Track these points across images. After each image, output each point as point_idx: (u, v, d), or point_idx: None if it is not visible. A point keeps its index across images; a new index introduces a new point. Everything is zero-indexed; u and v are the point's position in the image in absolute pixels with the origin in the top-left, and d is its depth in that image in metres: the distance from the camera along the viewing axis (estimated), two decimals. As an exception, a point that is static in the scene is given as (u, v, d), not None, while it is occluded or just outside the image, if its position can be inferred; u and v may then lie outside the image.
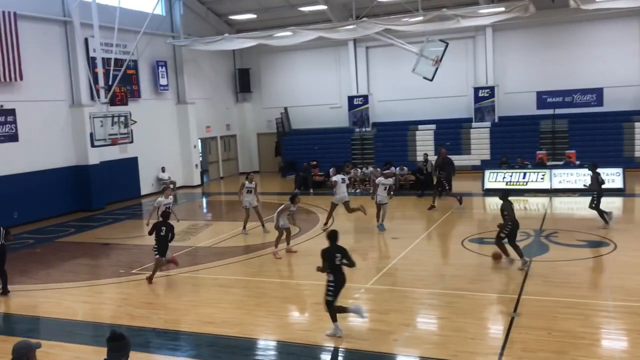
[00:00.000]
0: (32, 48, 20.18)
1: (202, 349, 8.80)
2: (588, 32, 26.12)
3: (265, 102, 32.49)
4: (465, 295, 10.32)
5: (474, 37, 27.86)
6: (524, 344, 8.12)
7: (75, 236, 17.99)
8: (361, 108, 29.85)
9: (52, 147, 21.17)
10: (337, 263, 8.78)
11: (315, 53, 30.67)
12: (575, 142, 25.27)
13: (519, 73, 27.38)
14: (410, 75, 23.70)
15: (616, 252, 12.77)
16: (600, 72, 25.71)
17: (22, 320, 10.57)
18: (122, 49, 23.24)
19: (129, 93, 24.03)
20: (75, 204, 21.87)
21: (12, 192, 19.33)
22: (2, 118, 19.27)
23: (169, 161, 26.79)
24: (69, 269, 14.02)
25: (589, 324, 8.81)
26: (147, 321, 10.02)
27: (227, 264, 13.58)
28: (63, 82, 21.73)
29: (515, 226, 11.86)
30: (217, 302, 10.80)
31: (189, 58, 28.14)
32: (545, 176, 21.17)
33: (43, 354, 7.14)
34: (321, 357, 8.40)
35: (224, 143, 31.98)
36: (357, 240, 15.73)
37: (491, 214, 18.82)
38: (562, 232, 14.89)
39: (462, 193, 21.93)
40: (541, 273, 11.40)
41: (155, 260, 12.25)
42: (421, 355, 8.08)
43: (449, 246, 13.99)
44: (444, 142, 27.30)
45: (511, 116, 27.47)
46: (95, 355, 8.01)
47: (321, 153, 29.11)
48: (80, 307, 10.98)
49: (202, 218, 20.95)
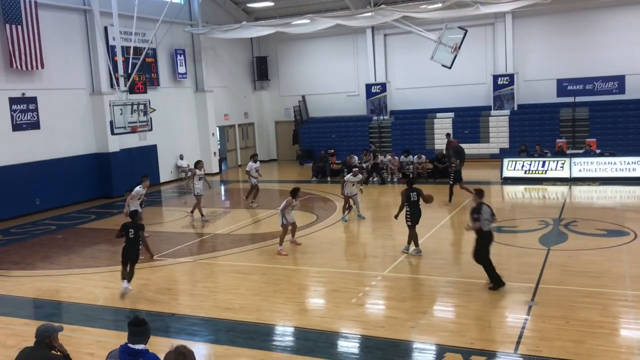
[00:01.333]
0: (52, 37, 20.39)
1: (220, 335, 8.91)
2: (609, 18, 25.65)
3: (282, 90, 32.49)
4: (482, 283, 10.30)
5: (494, 24, 27.53)
6: (542, 333, 8.11)
7: (96, 222, 18.24)
8: (379, 96, 29.73)
9: (73, 134, 21.43)
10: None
11: (333, 41, 30.55)
12: (595, 130, 24.95)
13: (539, 60, 27.02)
14: (428, 63, 23.50)
15: (636, 241, 12.64)
16: (621, 59, 25.28)
17: (45, 305, 10.78)
18: (141, 37, 23.39)
19: (148, 81, 24.23)
20: (95, 191, 22.14)
21: (34, 179, 19.64)
22: (24, 106, 19.53)
23: (187, 149, 26.98)
24: (90, 254, 14.24)
25: (607, 313, 8.76)
26: (166, 306, 10.16)
27: (245, 251, 13.70)
28: (83, 70, 21.95)
29: (413, 213, 12.15)
30: (235, 288, 10.91)
31: (207, 46, 28.22)
32: (565, 165, 20.95)
33: (65, 338, 7.30)
34: (338, 343, 8.46)
35: (242, 131, 32.09)
36: (375, 229, 15.77)
37: (510, 203, 18.72)
38: (581, 220, 14.77)
39: (480, 181, 21.81)
40: (560, 262, 11.34)
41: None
42: (438, 342, 8.10)
43: (466, 234, 13.93)
44: (463, 130, 27.25)
45: (531, 104, 27.17)
46: (115, 339, 8.15)
47: (339, 141, 29.11)
48: (101, 292, 11.16)
49: (220, 205, 21.10)
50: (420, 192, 12.29)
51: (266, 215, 17.51)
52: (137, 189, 14.56)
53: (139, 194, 14.50)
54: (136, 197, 14.52)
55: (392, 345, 8.11)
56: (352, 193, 16.20)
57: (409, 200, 12.20)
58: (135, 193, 14.53)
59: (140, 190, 14.50)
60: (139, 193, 14.50)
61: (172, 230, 16.44)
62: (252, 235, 15.25)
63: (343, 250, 13.71)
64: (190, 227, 16.69)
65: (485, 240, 10.11)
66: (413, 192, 12.23)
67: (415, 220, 12.25)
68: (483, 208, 10.11)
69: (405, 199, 12.22)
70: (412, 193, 12.20)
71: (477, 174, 23.76)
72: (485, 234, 10.09)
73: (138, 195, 14.50)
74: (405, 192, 12.28)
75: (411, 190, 12.25)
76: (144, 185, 14.62)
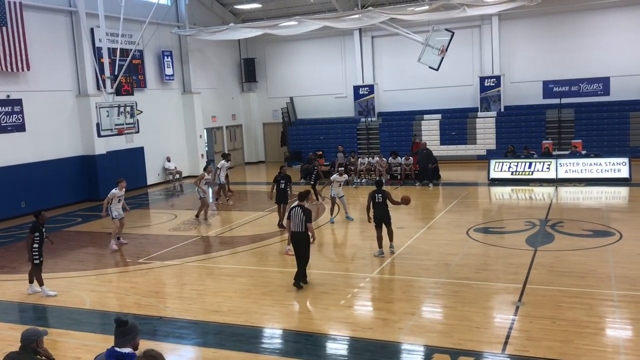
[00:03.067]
0: (38, 38, 20.23)
1: (209, 337, 8.87)
2: (594, 20, 25.91)
3: (270, 91, 32.46)
4: (470, 284, 10.36)
5: (480, 26, 27.71)
6: (529, 333, 8.16)
7: (82, 225, 18.10)
8: (367, 98, 29.80)
9: (59, 137, 21.26)
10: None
11: (320, 42, 30.59)
12: (581, 131, 25.20)
13: (525, 62, 27.23)
14: (415, 65, 23.62)
15: (621, 241, 12.77)
16: (606, 62, 25.56)
17: (31, 309, 10.67)
18: (128, 38, 23.27)
19: (134, 83, 24.07)
20: (82, 193, 21.99)
21: (19, 181, 19.46)
22: (9, 108, 19.35)
23: (174, 151, 26.88)
24: (76, 258, 14.13)
25: (593, 313, 8.83)
26: (154, 310, 10.10)
27: (233, 253, 13.66)
28: (69, 72, 21.79)
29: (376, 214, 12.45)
30: (223, 290, 10.87)
31: (194, 48, 28.13)
32: (551, 166, 21.11)
33: (51, 342, 7.24)
34: (326, 345, 8.46)
35: (230, 133, 32.01)
36: (362, 230, 15.77)
37: (497, 204, 18.84)
38: (568, 221, 14.88)
39: (467, 183, 22.00)
40: (546, 262, 11.42)
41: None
42: (426, 343, 8.13)
43: (454, 236, 14.01)
44: (450, 131, 27.39)
45: (517, 105, 27.36)
46: (102, 343, 8.08)
47: (327, 143, 29.14)
48: (87, 295, 11.07)
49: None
50: (386, 195, 12.44)
51: (254, 218, 17.47)
52: (112, 191, 14.57)
53: (114, 195, 14.45)
54: (112, 198, 14.45)
55: (380, 346, 8.12)
56: (339, 195, 16.23)
57: (373, 202, 12.51)
58: (111, 195, 14.50)
59: (115, 192, 14.46)
60: (114, 195, 14.45)
61: (160, 232, 16.35)
62: (240, 238, 15.20)
63: (331, 252, 13.72)
64: (190, 229, 16.59)
65: (294, 241, 10.78)
66: (378, 194, 12.44)
67: (377, 221, 12.45)
68: (293, 211, 10.72)
69: (370, 199, 12.62)
70: (377, 194, 12.44)
71: (464, 175, 23.92)
72: (293, 234, 10.74)
73: (113, 196, 14.43)
74: (370, 194, 12.63)
75: (377, 192, 12.48)
76: (120, 186, 14.57)
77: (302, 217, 10.62)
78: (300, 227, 10.65)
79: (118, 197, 14.45)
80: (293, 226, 10.73)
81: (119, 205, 14.60)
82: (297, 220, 10.66)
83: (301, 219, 10.63)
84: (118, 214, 14.56)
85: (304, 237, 10.68)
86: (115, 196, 14.43)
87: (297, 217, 10.68)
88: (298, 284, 10.65)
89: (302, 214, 10.67)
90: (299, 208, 10.78)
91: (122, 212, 14.71)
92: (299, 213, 10.70)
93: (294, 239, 10.80)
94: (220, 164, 20.30)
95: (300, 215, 10.64)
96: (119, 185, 14.56)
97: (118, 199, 14.49)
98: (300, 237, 10.69)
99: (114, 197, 14.44)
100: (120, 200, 14.56)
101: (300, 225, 10.64)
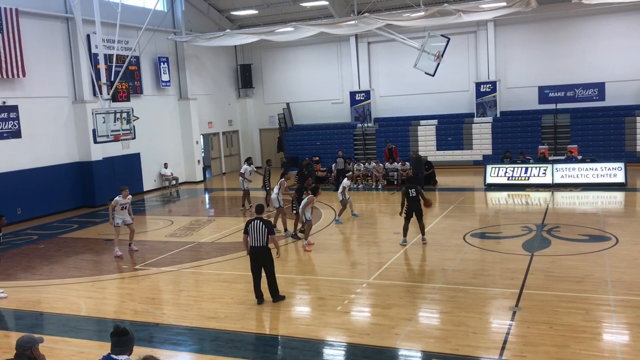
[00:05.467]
0: (34, 44, 20.22)
1: (205, 344, 8.84)
2: (590, 26, 26.05)
3: (267, 97, 32.49)
4: (467, 289, 10.36)
5: (476, 32, 27.82)
6: (526, 338, 8.16)
7: (79, 232, 18.05)
8: (363, 103, 29.85)
9: (55, 143, 21.23)
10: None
11: (317, 48, 30.66)
12: (577, 136, 25.29)
13: (521, 68, 27.34)
14: (412, 71, 23.69)
15: (618, 246, 12.79)
16: (602, 67, 25.69)
17: (26, 316, 10.62)
18: (124, 45, 23.28)
19: (131, 89, 24.09)
20: (78, 200, 21.94)
21: (15, 188, 19.41)
22: (4, 114, 19.32)
23: (171, 157, 26.86)
24: (72, 264, 14.08)
25: (590, 318, 8.84)
26: (150, 316, 10.07)
27: (230, 259, 13.63)
28: (65, 78, 21.77)
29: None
30: (220, 297, 10.84)
31: (190, 54, 28.15)
32: (547, 171, 21.16)
33: (47, 349, 7.20)
34: (323, 351, 8.44)
35: (226, 139, 32.02)
36: (360, 236, 15.77)
37: (493, 209, 18.86)
38: (564, 226, 14.91)
39: (463, 188, 22.06)
40: (543, 267, 11.43)
41: None
42: (423, 349, 8.11)
43: (450, 241, 14.01)
44: (446, 136, 27.43)
45: (513, 111, 27.45)
46: (99, 350, 8.06)
47: (323, 148, 29.17)
48: (83, 302, 11.03)
49: (204, 214, 21.00)
50: (419, 191, 13.74)
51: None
52: (115, 198, 14.53)
53: (117, 202, 14.41)
54: (115, 206, 14.41)
55: (377, 352, 8.10)
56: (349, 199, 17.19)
57: (407, 196, 13.68)
58: (114, 202, 14.46)
59: (118, 199, 14.41)
60: (117, 202, 14.41)
61: (156, 239, 16.32)
62: (236, 244, 15.17)
63: (328, 258, 13.70)
64: (186, 235, 16.55)
65: (254, 258, 10.22)
66: (412, 189, 13.69)
67: (409, 213, 13.76)
68: (252, 225, 10.16)
69: (404, 195, 13.82)
70: (410, 190, 13.68)
71: (460, 181, 23.97)
72: (252, 250, 10.17)
73: (116, 204, 14.40)
74: (403, 190, 13.95)
75: (410, 188, 13.74)
76: (123, 194, 14.50)
77: (264, 231, 10.00)
78: (261, 242, 10.02)
79: (121, 204, 14.41)
80: (252, 241, 10.05)
81: (123, 213, 14.54)
82: (257, 234, 10.01)
83: (262, 232, 9.99)
84: (122, 221, 14.50)
85: (265, 251, 10.06)
86: (118, 203, 14.41)
87: (257, 230, 10.01)
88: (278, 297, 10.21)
89: (262, 227, 10.03)
90: (259, 221, 10.12)
91: (128, 219, 14.63)
92: (259, 226, 10.05)
93: (254, 255, 10.11)
94: (244, 168, 19.94)
95: (261, 228, 9.99)
96: (122, 194, 14.51)
97: (121, 207, 14.46)
98: (260, 252, 10.05)
99: (117, 205, 14.41)
100: (124, 208, 14.52)
101: (261, 240, 10.01)
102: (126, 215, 14.58)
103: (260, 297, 10.27)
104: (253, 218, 10.33)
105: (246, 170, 19.76)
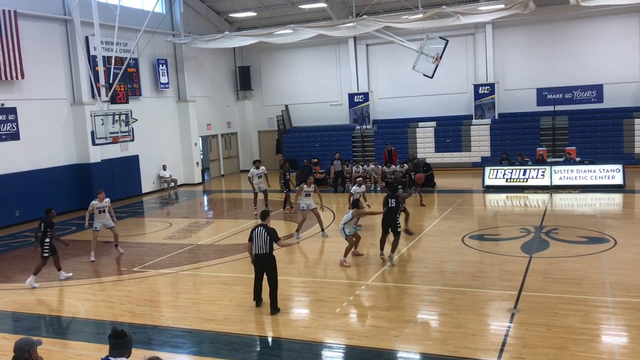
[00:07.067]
0: (33, 46, 20.22)
1: (204, 346, 8.83)
2: (588, 28, 26.10)
3: (266, 99, 32.50)
4: (465, 291, 10.36)
5: (474, 34, 27.85)
6: (524, 340, 8.16)
7: (77, 234, 18.01)
8: (362, 105, 29.87)
9: (54, 145, 21.21)
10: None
11: (315, 51, 30.68)
12: (575, 138, 25.32)
13: (519, 70, 27.37)
14: (410, 73, 23.69)
15: (616, 248, 12.80)
16: (600, 69, 25.73)
17: (25, 318, 10.60)
18: (123, 47, 23.29)
19: (129, 91, 24.03)
20: (76, 202, 21.89)
21: (13, 190, 19.39)
22: (3, 116, 19.31)
23: (170, 159, 26.85)
24: (70, 266, 14.04)
25: (589, 319, 8.84)
26: (148, 318, 10.06)
27: (228, 261, 13.62)
28: (64, 80, 21.77)
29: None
30: (219, 299, 10.84)
31: (189, 56, 28.16)
32: (545, 173, 21.18)
33: (45, 352, 7.19)
34: (322, 353, 8.43)
35: (225, 141, 32.01)
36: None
37: (491, 211, 18.87)
38: (562, 228, 14.92)
39: (462, 190, 22.07)
40: (541, 269, 11.43)
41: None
42: (422, 351, 8.12)
43: (449, 243, 14.02)
44: (445, 138, 27.45)
45: (511, 113, 27.48)
46: (97, 353, 8.06)
47: (322, 150, 29.16)
48: (82, 304, 11.01)
49: (203, 216, 20.99)
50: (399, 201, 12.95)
51: (249, 225, 17.41)
52: (92, 202, 14.53)
53: (93, 206, 14.40)
54: (92, 210, 14.40)
55: (376, 354, 8.10)
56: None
57: (386, 206, 12.76)
58: (91, 207, 14.46)
59: (94, 203, 14.41)
60: (93, 206, 14.40)
61: (155, 241, 16.30)
62: (235, 246, 15.16)
63: (327, 260, 13.69)
64: (184, 237, 16.54)
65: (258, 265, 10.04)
66: (392, 199, 12.73)
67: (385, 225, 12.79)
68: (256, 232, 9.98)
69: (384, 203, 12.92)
70: (390, 199, 12.72)
71: (459, 183, 23.98)
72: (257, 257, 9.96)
73: (93, 207, 14.38)
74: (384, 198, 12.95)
75: (390, 197, 12.79)
76: (99, 198, 14.48)
77: (266, 238, 9.83)
78: (264, 249, 9.84)
79: (98, 208, 14.38)
80: (256, 248, 9.88)
81: (102, 217, 14.50)
82: (261, 241, 9.84)
83: (265, 240, 9.82)
84: (103, 225, 14.48)
85: (269, 259, 9.92)
86: (95, 207, 14.38)
87: (261, 238, 9.85)
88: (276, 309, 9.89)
89: (265, 234, 9.85)
90: (262, 228, 9.94)
91: (109, 222, 14.60)
92: (262, 234, 9.89)
93: (258, 262, 9.97)
94: (250, 172, 19.42)
95: (264, 235, 9.83)
96: (99, 197, 14.50)
97: (99, 210, 14.42)
98: (264, 259, 9.90)
99: (94, 208, 14.40)
100: (102, 212, 14.45)
101: (264, 247, 9.84)
102: (107, 219, 14.55)
103: (259, 300, 10.26)
104: (257, 225, 10.21)
105: (252, 174, 19.39)
